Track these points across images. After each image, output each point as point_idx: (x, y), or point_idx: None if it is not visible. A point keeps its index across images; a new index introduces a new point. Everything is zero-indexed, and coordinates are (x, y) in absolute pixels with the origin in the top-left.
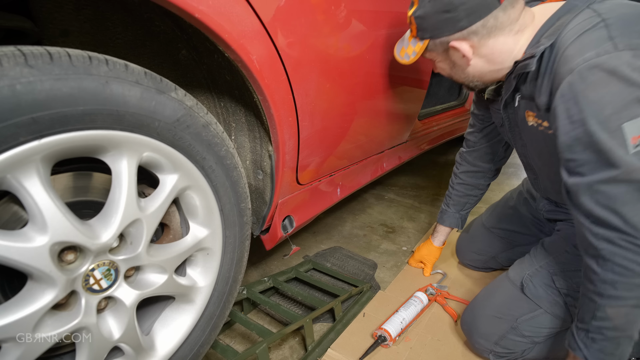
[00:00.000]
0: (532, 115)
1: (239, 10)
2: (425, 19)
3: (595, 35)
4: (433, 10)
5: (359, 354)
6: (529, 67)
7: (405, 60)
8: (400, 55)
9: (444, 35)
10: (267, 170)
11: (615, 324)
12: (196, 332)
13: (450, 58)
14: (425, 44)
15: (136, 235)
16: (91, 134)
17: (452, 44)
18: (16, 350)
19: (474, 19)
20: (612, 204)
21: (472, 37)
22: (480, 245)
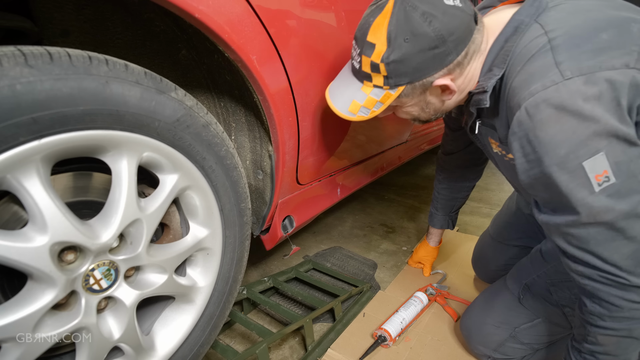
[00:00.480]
0: (496, 144)
1: (239, 10)
2: (405, 61)
3: (540, 62)
4: (415, 49)
5: (359, 354)
6: (483, 103)
7: (363, 116)
8: (351, 111)
9: (427, 75)
10: (267, 170)
11: (606, 349)
12: (196, 332)
13: (426, 99)
14: (399, 91)
15: (136, 235)
16: (91, 134)
17: (437, 82)
18: (16, 350)
19: (461, 49)
20: (584, 245)
21: (456, 69)
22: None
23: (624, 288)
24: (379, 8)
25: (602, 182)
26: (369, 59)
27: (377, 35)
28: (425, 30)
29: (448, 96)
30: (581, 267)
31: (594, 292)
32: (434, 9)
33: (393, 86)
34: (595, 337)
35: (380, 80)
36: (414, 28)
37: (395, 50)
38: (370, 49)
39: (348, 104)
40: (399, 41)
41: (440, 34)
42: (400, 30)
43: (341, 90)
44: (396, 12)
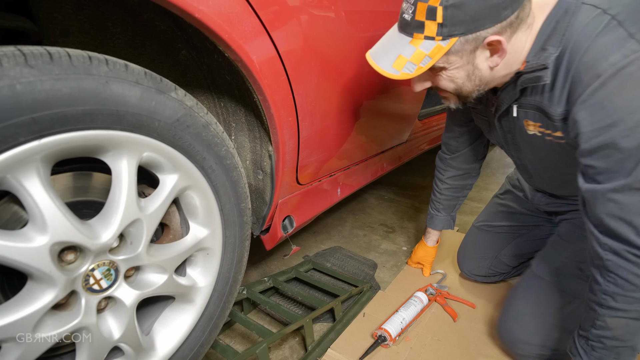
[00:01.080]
0: (535, 125)
1: (239, 11)
2: (463, 7)
3: (612, 36)
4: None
5: (359, 354)
6: (544, 80)
7: (408, 73)
8: (396, 68)
9: (483, 28)
10: (267, 170)
11: (614, 334)
12: (196, 332)
13: (474, 61)
14: (450, 43)
15: (136, 235)
16: (91, 134)
17: (491, 38)
18: (16, 350)
19: (516, 6)
20: (625, 214)
21: (507, 30)
22: (480, 248)
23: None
24: None
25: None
26: (425, 4)
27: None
28: None
29: (497, 60)
30: (610, 240)
31: (614, 269)
32: None
33: (446, 36)
34: (604, 321)
35: (433, 29)
36: None
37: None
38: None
39: (392, 60)
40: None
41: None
42: None
43: (385, 48)
44: None
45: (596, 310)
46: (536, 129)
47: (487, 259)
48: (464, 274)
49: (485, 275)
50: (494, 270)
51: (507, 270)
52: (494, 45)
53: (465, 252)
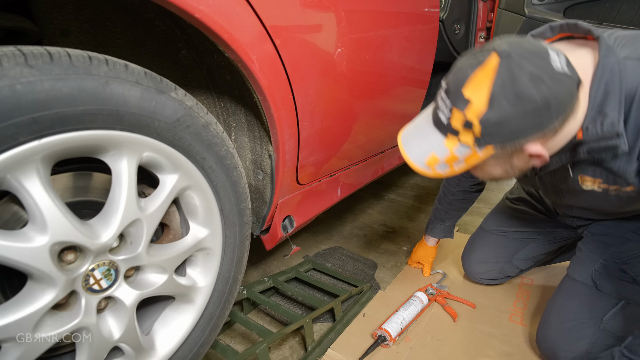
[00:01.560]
0: (594, 181)
1: (239, 11)
2: (503, 124)
3: None
4: (518, 113)
5: (359, 354)
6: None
7: (440, 172)
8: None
9: (522, 138)
10: (267, 170)
11: None
12: (196, 332)
13: (512, 161)
14: (486, 154)
15: (136, 235)
16: (91, 134)
17: (529, 149)
18: (16, 350)
19: (562, 116)
20: None
21: (550, 134)
22: (493, 252)
23: None
24: (479, 62)
25: None
26: (462, 114)
27: (476, 92)
28: (532, 94)
29: (536, 162)
30: None
31: None
32: (542, 72)
33: (482, 145)
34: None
35: (469, 138)
36: (519, 90)
37: (495, 111)
38: (464, 103)
39: (425, 157)
40: (501, 102)
41: (546, 99)
42: (504, 91)
43: (418, 140)
44: (502, 71)
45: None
46: (595, 184)
47: (499, 263)
48: (471, 277)
49: (494, 278)
50: (503, 274)
51: (516, 273)
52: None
53: (474, 255)
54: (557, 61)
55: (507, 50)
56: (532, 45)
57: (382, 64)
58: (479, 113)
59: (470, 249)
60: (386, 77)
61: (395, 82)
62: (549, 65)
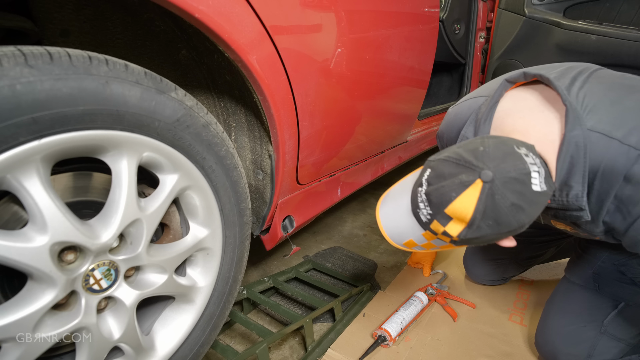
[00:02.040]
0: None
1: (239, 11)
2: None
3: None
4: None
5: (359, 354)
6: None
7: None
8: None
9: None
10: (267, 170)
11: None
12: (196, 332)
13: None
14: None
15: (136, 235)
16: (91, 134)
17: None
18: (16, 350)
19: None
20: None
21: None
22: (494, 254)
23: None
24: (463, 185)
25: None
26: (442, 227)
27: (457, 214)
28: (509, 220)
29: None
30: None
31: None
32: (523, 199)
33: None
34: None
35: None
36: (499, 217)
37: (474, 231)
38: (445, 219)
39: (404, 239)
40: (481, 225)
41: (522, 223)
42: (485, 218)
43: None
44: (484, 199)
45: None
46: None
47: (503, 263)
48: (473, 278)
49: (497, 279)
50: (506, 275)
51: (516, 274)
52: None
53: (475, 256)
54: (537, 181)
55: (490, 177)
56: (516, 169)
57: (382, 64)
58: (458, 230)
59: (472, 250)
60: (386, 77)
61: (395, 82)
62: (529, 190)
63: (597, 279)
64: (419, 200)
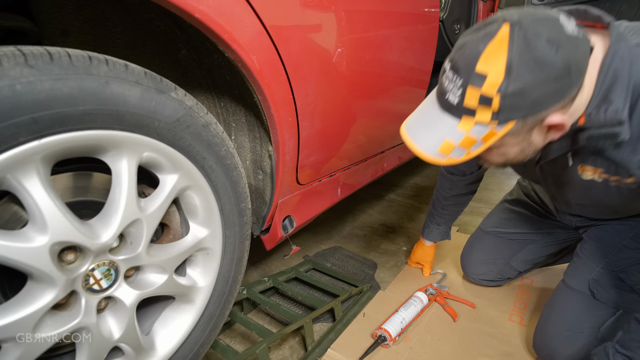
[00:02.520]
0: (595, 170)
1: (239, 10)
2: (525, 94)
3: None
4: (540, 79)
5: (359, 354)
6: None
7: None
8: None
9: (544, 109)
10: (267, 170)
11: None
12: (196, 332)
13: (530, 138)
14: (506, 129)
15: (136, 235)
16: (91, 134)
17: (550, 119)
18: (16, 350)
19: (581, 80)
20: None
21: (569, 105)
22: (491, 253)
23: None
24: (489, 35)
25: None
26: (478, 90)
27: (491, 65)
28: (553, 59)
29: (555, 134)
30: None
31: None
32: (559, 35)
33: (502, 122)
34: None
35: (487, 115)
36: (539, 56)
37: (515, 80)
38: (479, 79)
39: (437, 145)
40: (521, 71)
41: (567, 62)
42: (523, 59)
43: (427, 128)
44: (516, 39)
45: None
46: (596, 174)
47: (497, 264)
48: (470, 277)
49: (492, 279)
50: (502, 275)
51: (514, 275)
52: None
53: (472, 256)
54: (569, 25)
55: (517, 19)
56: (542, 12)
57: (382, 64)
58: (496, 85)
59: (469, 249)
60: (386, 77)
61: (395, 82)
62: (562, 30)
63: (594, 286)
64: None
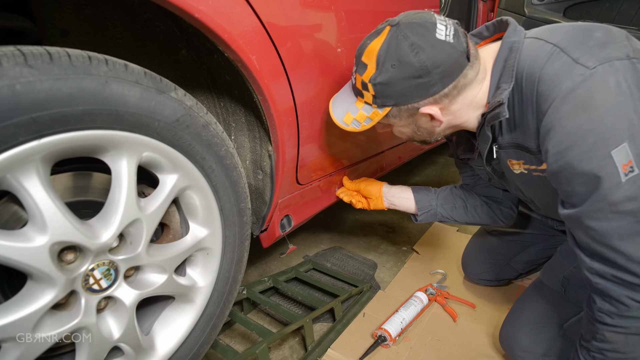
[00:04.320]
0: (519, 163)
1: (239, 10)
2: (390, 85)
3: (558, 64)
4: (400, 76)
5: (359, 354)
6: (502, 115)
7: (355, 127)
8: (345, 122)
9: (412, 101)
10: (267, 170)
11: (615, 347)
12: (196, 332)
13: (416, 122)
14: (385, 111)
15: (136, 235)
16: (91, 133)
17: (422, 110)
18: (16, 350)
19: (448, 82)
20: (606, 240)
21: (444, 99)
22: (491, 253)
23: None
24: (377, 32)
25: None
26: (361, 77)
27: (369, 57)
28: (411, 60)
29: (437, 123)
30: (597, 264)
31: (605, 291)
32: (423, 41)
33: (380, 105)
34: (603, 335)
35: (370, 98)
36: (400, 56)
37: (382, 73)
38: (363, 68)
39: (343, 115)
40: (387, 66)
41: (424, 65)
42: (388, 56)
43: (340, 100)
44: (388, 39)
45: (595, 325)
46: (521, 167)
47: (497, 265)
48: (469, 277)
49: (492, 279)
50: (501, 276)
51: (514, 276)
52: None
53: (473, 255)
54: (444, 32)
55: (398, 22)
56: (421, 18)
57: None
58: (370, 74)
59: (471, 249)
60: None
61: None
62: (432, 35)
63: (565, 284)
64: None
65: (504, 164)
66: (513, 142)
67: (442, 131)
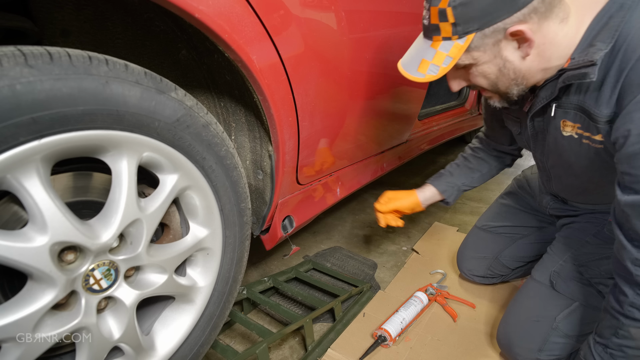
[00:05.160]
0: (573, 126)
1: (239, 10)
2: (472, 3)
3: None
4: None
5: (359, 354)
6: (590, 77)
7: (432, 74)
8: (421, 72)
9: (500, 19)
10: (267, 170)
11: (638, 344)
12: (196, 332)
13: (502, 53)
14: (468, 40)
15: (136, 235)
16: (91, 134)
17: (513, 29)
18: (16, 350)
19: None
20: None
21: (532, 16)
22: (480, 247)
23: None
24: None
25: None
26: (436, 7)
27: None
28: None
29: (527, 49)
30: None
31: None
32: None
33: (462, 34)
34: (628, 331)
35: (448, 29)
36: None
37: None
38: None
39: (417, 65)
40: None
41: None
42: None
43: (412, 55)
44: None
45: (620, 320)
46: (574, 130)
47: (486, 259)
48: (463, 273)
49: (483, 275)
50: (492, 272)
51: (505, 273)
52: (519, 36)
53: (465, 251)
54: None
55: None
56: None
57: (382, 64)
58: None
59: (462, 245)
60: (386, 77)
61: (395, 82)
62: None
63: (555, 277)
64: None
65: (555, 123)
66: (578, 105)
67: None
